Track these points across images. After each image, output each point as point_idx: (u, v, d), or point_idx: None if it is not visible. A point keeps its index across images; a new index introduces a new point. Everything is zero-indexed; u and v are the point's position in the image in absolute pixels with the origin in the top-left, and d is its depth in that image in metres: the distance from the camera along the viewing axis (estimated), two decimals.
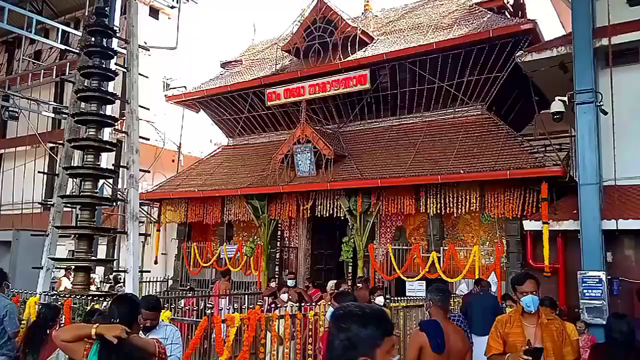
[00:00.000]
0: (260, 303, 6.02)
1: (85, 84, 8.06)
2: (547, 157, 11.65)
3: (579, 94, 9.10)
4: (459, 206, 11.62)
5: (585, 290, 8.57)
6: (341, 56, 14.60)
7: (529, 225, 10.35)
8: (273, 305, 8.24)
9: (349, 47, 14.66)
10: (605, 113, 9.12)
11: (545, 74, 10.71)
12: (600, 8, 9.87)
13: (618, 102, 9.31)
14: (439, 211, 11.90)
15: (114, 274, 11.46)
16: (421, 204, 12.09)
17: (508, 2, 14.32)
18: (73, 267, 7.88)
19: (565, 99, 9.42)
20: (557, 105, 9.58)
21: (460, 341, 3.69)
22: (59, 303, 6.07)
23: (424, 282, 11.46)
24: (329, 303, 5.27)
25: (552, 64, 10.30)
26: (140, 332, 4.14)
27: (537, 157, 11.30)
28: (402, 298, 9.63)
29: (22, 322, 5.96)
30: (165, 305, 7.94)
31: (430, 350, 3.50)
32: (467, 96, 13.14)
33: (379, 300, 7.26)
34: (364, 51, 14.72)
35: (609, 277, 8.75)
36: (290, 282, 9.94)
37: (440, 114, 13.71)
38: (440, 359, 3.50)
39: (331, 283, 7.78)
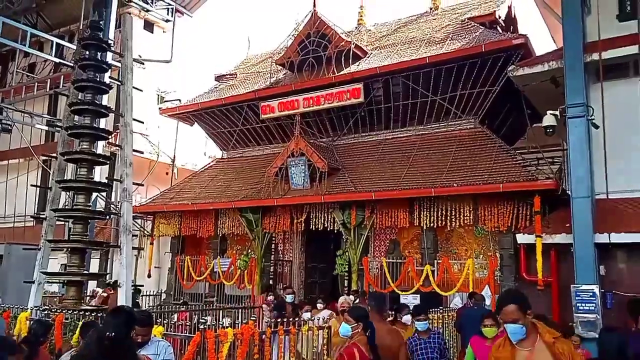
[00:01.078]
0: (253, 318, 5.99)
1: (79, 97, 8.08)
2: (539, 170, 11.71)
3: (570, 108, 9.16)
4: (453, 219, 11.65)
5: (578, 304, 8.56)
6: (335, 70, 14.70)
7: (522, 238, 10.37)
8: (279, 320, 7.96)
9: (343, 61, 14.76)
10: (597, 127, 9.20)
11: (537, 88, 10.80)
12: (591, 23, 10.00)
13: (609, 116, 9.39)
14: (432, 224, 11.92)
15: (113, 280, 11.43)
16: (415, 217, 12.12)
17: (500, 17, 14.49)
18: (111, 282, 7.90)
19: (557, 112, 9.50)
20: (549, 119, 9.66)
21: (390, 340, 4.47)
22: (50, 319, 6.01)
23: (418, 295, 11.43)
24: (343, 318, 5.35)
25: (544, 79, 10.40)
26: None
27: (530, 170, 11.37)
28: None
29: (13, 337, 5.90)
30: (159, 320, 7.88)
31: None
32: (460, 110, 13.24)
33: (406, 319, 6.64)
34: (358, 65, 14.82)
35: (602, 290, 8.75)
36: (289, 298, 9.76)
37: (434, 128, 13.80)
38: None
39: (342, 299, 7.60)
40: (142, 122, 10.72)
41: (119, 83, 9.14)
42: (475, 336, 5.46)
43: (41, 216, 9.79)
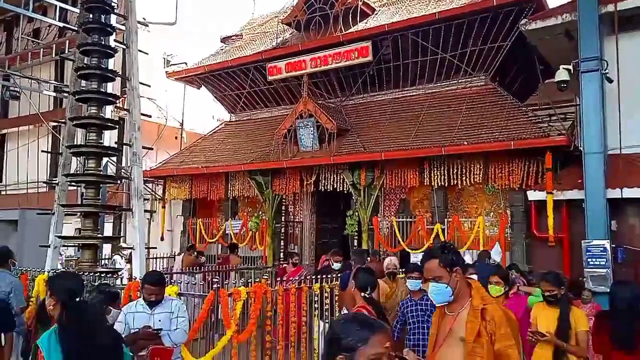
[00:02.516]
0: (266, 277, 6.07)
1: (85, 62, 8.01)
2: (551, 126, 11.56)
3: (584, 61, 8.98)
4: (463, 178, 11.60)
5: (589, 259, 8.61)
6: (342, 28, 14.41)
7: (533, 195, 10.34)
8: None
9: (351, 19, 14.46)
10: (611, 81, 9.02)
11: (550, 43, 10.55)
12: None
13: (624, 70, 9.19)
14: (443, 183, 11.89)
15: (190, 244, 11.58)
16: (425, 176, 12.08)
17: None
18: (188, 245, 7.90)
19: (571, 67, 9.31)
20: (562, 74, 9.47)
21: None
22: None
23: None
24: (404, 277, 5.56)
25: (557, 32, 10.14)
26: (146, 305, 4.22)
27: (542, 127, 11.21)
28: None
29: (31, 298, 6.05)
30: (173, 281, 8.03)
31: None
32: (471, 67, 13.00)
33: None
34: (366, 23, 14.52)
35: (613, 245, 8.77)
36: (336, 266, 8.66)
37: (444, 86, 13.59)
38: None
39: (388, 260, 7.14)
40: (149, 86, 10.66)
41: (124, 46, 9.04)
42: None
43: (53, 182, 9.88)
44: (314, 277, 6.70)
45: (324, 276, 6.62)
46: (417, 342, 4.91)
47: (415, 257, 11.65)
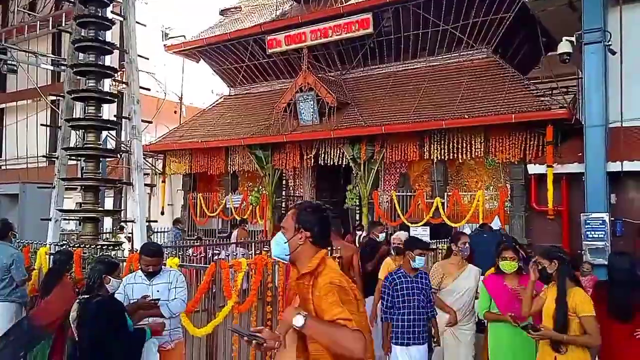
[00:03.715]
0: (267, 249, 6.11)
1: (82, 34, 7.91)
2: (553, 99, 11.48)
3: (587, 33, 8.88)
4: (464, 151, 11.58)
5: (588, 232, 8.65)
6: (343, 0, 14.21)
7: (534, 169, 10.35)
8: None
9: None
10: (614, 53, 8.92)
11: (553, 14, 10.40)
12: None
13: (627, 42, 9.08)
14: (443, 157, 11.87)
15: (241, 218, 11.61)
16: (425, 150, 12.06)
17: None
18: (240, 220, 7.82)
19: (574, 39, 9.20)
20: (564, 46, 9.36)
21: (344, 251, 5.78)
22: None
23: (428, 227, 11.57)
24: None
25: (561, 3, 9.98)
26: (145, 276, 4.26)
27: (543, 100, 11.14)
28: None
29: (34, 270, 6.10)
30: (173, 253, 8.08)
31: None
32: (473, 39, 12.84)
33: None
34: None
35: (612, 218, 8.81)
36: (382, 237, 8.17)
37: (445, 58, 13.45)
38: None
39: (396, 234, 6.75)
40: (148, 59, 10.58)
41: (122, 18, 8.91)
42: (490, 275, 4.74)
43: (53, 156, 9.85)
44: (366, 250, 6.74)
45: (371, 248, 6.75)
46: (407, 323, 4.60)
47: (415, 231, 11.72)
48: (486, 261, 5.21)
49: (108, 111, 12.01)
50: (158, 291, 4.19)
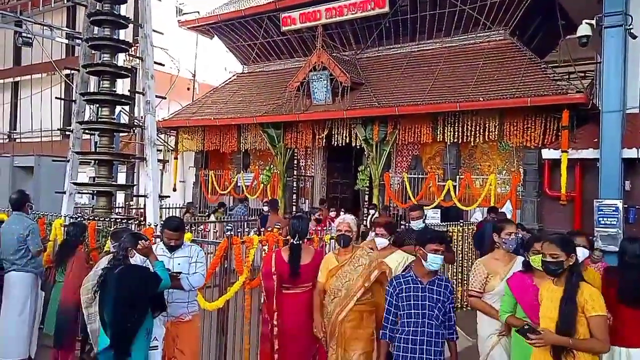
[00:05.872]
0: (278, 226, 6.16)
1: (98, 8, 7.90)
2: (570, 84, 11.33)
3: (607, 16, 8.71)
4: (477, 135, 11.50)
5: (600, 219, 8.60)
6: None
7: (548, 153, 10.27)
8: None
9: None
10: (635, 37, 8.77)
11: None
12: None
13: None
14: (456, 140, 11.80)
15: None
16: (438, 132, 11.98)
17: None
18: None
19: (593, 22, 9.03)
20: (584, 29, 9.19)
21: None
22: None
23: (439, 210, 11.56)
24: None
25: None
26: (166, 249, 4.32)
27: (560, 84, 10.99)
28: None
29: (49, 241, 6.20)
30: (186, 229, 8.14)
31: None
32: (490, 20, 12.64)
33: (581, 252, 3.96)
34: None
35: (626, 205, 8.74)
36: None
37: (461, 40, 13.28)
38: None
39: (339, 219, 6.48)
40: (162, 34, 10.54)
41: None
42: (516, 273, 3.84)
43: (67, 130, 9.92)
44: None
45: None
46: (411, 346, 3.47)
47: (426, 213, 11.70)
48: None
49: (122, 86, 12.03)
50: (179, 264, 4.25)
